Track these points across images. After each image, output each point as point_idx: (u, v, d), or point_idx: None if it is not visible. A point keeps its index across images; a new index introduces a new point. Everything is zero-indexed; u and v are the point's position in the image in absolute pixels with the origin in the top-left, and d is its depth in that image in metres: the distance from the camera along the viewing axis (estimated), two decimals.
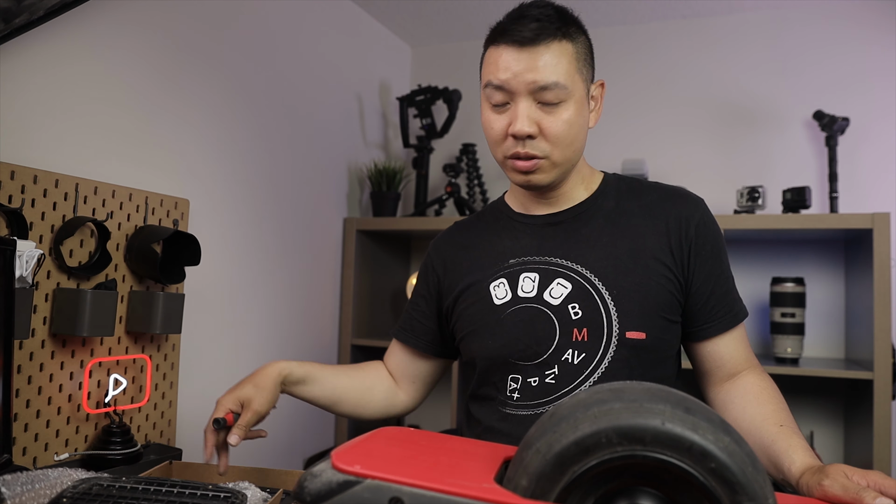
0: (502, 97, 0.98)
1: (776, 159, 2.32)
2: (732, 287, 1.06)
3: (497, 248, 1.10)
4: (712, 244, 1.04)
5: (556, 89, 0.95)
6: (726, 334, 1.04)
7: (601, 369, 0.98)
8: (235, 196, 1.83)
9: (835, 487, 0.76)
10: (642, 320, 0.99)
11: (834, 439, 2.20)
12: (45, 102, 1.30)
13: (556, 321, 1.00)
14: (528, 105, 0.96)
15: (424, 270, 1.20)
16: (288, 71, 2.05)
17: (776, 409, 0.97)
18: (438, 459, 0.65)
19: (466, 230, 1.18)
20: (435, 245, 1.20)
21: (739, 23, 2.41)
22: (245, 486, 0.87)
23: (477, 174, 2.50)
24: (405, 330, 1.21)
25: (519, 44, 0.95)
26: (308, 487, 0.59)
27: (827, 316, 2.23)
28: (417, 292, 1.21)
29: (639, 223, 1.04)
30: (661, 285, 1.00)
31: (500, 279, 1.06)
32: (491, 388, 1.06)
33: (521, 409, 1.01)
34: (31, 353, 1.24)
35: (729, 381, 1.04)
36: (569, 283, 1.01)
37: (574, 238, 1.05)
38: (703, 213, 1.05)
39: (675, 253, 1.02)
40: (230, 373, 1.81)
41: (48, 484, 0.80)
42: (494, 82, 0.98)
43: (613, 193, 1.09)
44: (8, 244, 0.97)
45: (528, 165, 0.99)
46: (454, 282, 1.12)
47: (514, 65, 0.96)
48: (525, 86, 0.96)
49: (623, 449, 0.56)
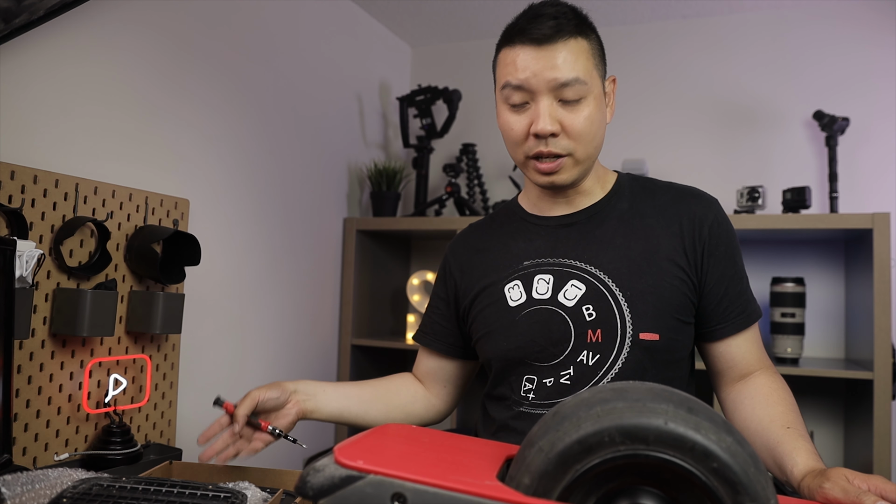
0: (522, 97, 0.98)
1: (776, 159, 2.32)
2: (746, 287, 1.05)
3: (511, 250, 1.10)
4: (726, 244, 1.04)
5: (577, 85, 0.95)
6: (739, 335, 1.03)
7: (615, 370, 0.98)
8: (235, 196, 1.83)
9: (835, 491, 0.76)
10: (656, 322, 0.99)
11: (834, 439, 2.20)
12: (45, 102, 1.30)
13: (571, 322, 1.00)
14: (549, 103, 0.96)
15: (442, 274, 1.20)
16: (288, 71, 2.05)
17: (785, 411, 0.96)
18: (441, 456, 0.65)
19: (481, 232, 1.18)
20: (451, 248, 1.20)
21: (740, 23, 2.41)
22: (245, 486, 0.87)
23: (477, 174, 2.50)
24: (426, 333, 1.21)
25: (537, 42, 0.95)
26: (311, 482, 0.59)
27: (827, 316, 2.23)
28: (437, 295, 1.21)
29: (653, 224, 1.04)
30: (675, 287, 1.00)
31: (514, 281, 1.06)
32: (506, 387, 1.06)
33: (536, 407, 1.02)
34: (31, 353, 1.24)
35: (741, 381, 1.04)
36: (583, 285, 1.01)
37: (587, 239, 1.05)
38: (717, 213, 1.06)
39: (688, 254, 1.02)
40: (230, 373, 1.81)
41: (48, 484, 0.80)
42: (513, 82, 0.97)
43: (627, 194, 1.09)
44: (8, 244, 0.97)
45: (553, 166, 0.99)
46: (470, 284, 1.13)
47: (533, 64, 0.95)
48: (545, 84, 0.95)
49: (625, 448, 0.55)
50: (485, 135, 2.64)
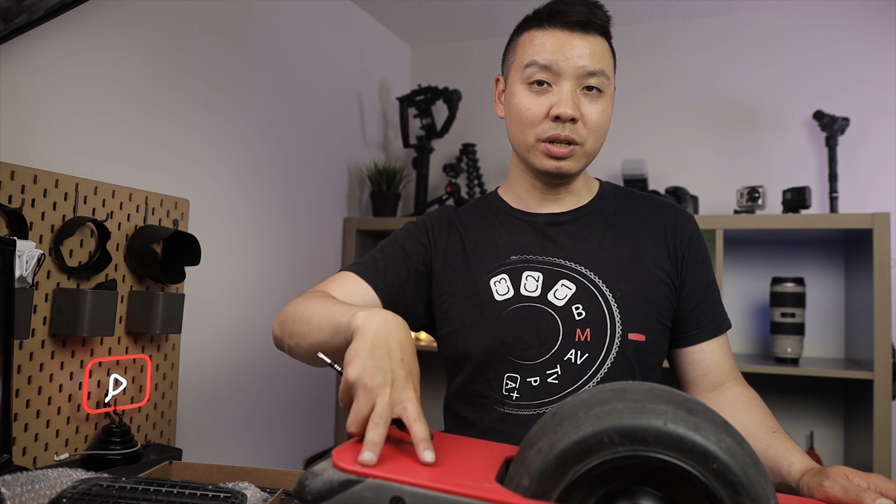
0: (546, 76, 0.98)
1: (776, 159, 2.32)
2: (718, 299, 1.09)
3: (497, 242, 1.07)
4: (703, 255, 1.08)
5: (601, 77, 0.98)
6: (711, 342, 1.06)
7: (604, 370, 0.99)
8: (235, 196, 1.83)
9: (835, 489, 0.76)
10: (643, 323, 1.00)
11: (834, 439, 2.20)
12: (45, 102, 1.30)
13: (560, 321, 1.00)
14: (573, 88, 0.98)
15: (418, 235, 1.10)
16: (288, 71, 2.05)
17: (766, 417, 0.98)
18: (440, 458, 0.64)
19: (462, 217, 1.13)
20: (431, 220, 1.12)
21: (740, 23, 2.41)
22: (245, 486, 0.87)
23: (477, 174, 2.50)
24: (369, 269, 1.05)
25: (569, 28, 0.97)
26: (309, 486, 0.58)
27: (827, 316, 2.23)
28: (401, 247, 1.08)
29: (639, 230, 1.07)
30: (661, 290, 1.03)
31: (501, 275, 1.04)
32: (483, 385, 1.03)
33: (523, 409, 1.00)
34: (31, 353, 1.24)
35: (715, 390, 1.05)
36: (573, 285, 1.01)
37: (577, 239, 1.05)
38: (695, 226, 1.10)
39: (672, 259, 1.05)
40: (230, 373, 1.81)
41: (48, 484, 0.80)
42: (541, 61, 0.98)
43: (612, 200, 1.11)
44: (8, 244, 0.97)
45: (565, 151, 0.99)
46: (447, 266, 1.07)
47: (566, 48, 0.97)
48: (574, 69, 0.97)
49: (625, 449, 0.55)
50: (485, 135, 2.64)
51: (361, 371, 0.68)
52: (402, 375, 0.69)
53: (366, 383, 0.67)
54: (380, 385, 0.67)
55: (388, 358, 0.69)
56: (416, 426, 0.65)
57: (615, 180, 1.98)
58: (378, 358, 0.69)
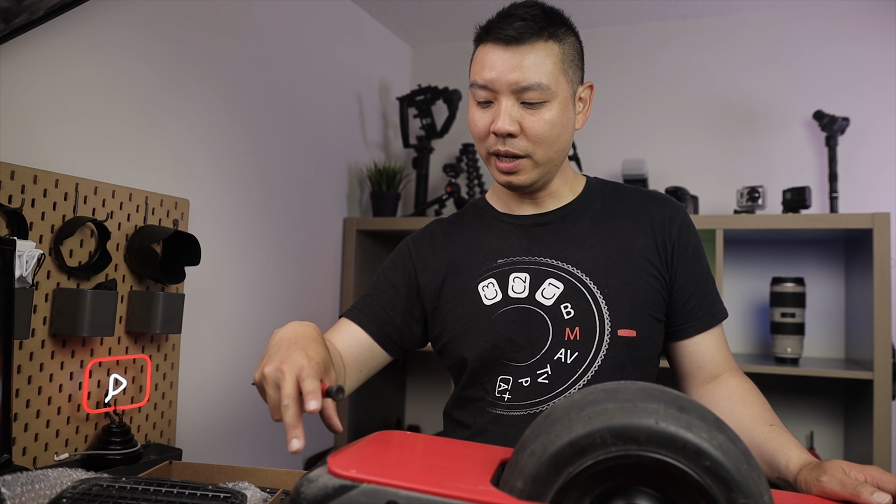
0: (487, 95, 0.99)
1: (776, 159, 2.32)
2: (713, 289, 1.08)
3: (483, 247, 1.08)
4: (694, 246, 1.07)
5: (539, 90, 0.96)
6: (707, 333, 1.06)
7: (594, 368, 0.99)
8: (235, 196, 1.84)
9: (832, 483, 0.76)
10: (633, 318, 1.00)
11: (834, 439, 2.20)
12: (45, 102, 1.30)
13: (549, 321, 1.00)
14: (510, 104, 0.97)
15: (401, 263, 1.13)
16: (288, 71, 2.05)
17: (763, 409, 0.98)
18: (434, 462, 0.65)
19: (448, 228, 1.15)
20: (414, 241, 1.14)
21: (740, 23, 2.41)
22: (245, 486, 0.87)
23: (477, 174, 2.50)
24: (362, 313, 1.10)
25: (504, 42, 0.96)
26: (304, 493, 0.59)
27: (827, 316, 2.23)
28: (387, 281, 1.12)
29: (626, 224, 1.06)
30: (650, 284, 1.02)
31: (488, 279, 1.05)
32: (478, 389, 1.05)
33: (514, 409, 1.01)
34: (31, 353, 1.24)
35: (711, 382, 1.05)
36: (560, 283, 1.02)
37: (563, 238, 1.05)
38: (685, 216, 1.08)
39: (660, 252, 1.04)
40: (230, 373, 1.81)
41: (48, 484, 0.80)
42: (479, 81, 0.99)
43: (598, 196, 1.10)
44: (8, 244, 0.97)
45: (510, 166, 1.00)
46: (436, 282, 1.09)
47: (499, 64, 0.96)
48: (507, 85, 0.96)
49: (618, 449, 0.56)
50: None
51: (260, 369, 0.74)
52: (293, 352, 0.73)
53: (265, 374, 0.73)
54: (275, 370, 0.72)
55: (280, 349, 0.75)
56: (305, 382, 0.69)
57: (615, 180, 1.97)
58: (272, 354, 0.75)
